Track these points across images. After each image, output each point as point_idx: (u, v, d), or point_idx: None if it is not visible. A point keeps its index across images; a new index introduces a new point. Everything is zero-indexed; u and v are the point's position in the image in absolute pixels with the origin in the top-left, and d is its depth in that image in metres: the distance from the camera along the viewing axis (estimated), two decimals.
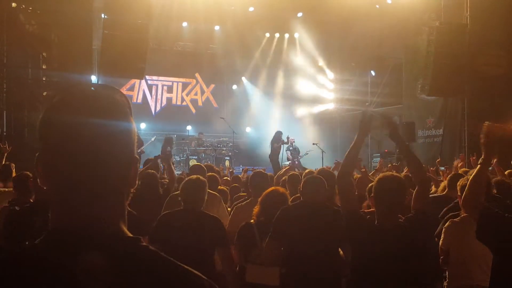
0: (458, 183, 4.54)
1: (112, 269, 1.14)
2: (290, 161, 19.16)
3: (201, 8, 19.12)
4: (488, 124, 3.59)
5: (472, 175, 3.58)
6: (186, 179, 5.06)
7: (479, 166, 3.54)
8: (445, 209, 5.31)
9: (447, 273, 4.78)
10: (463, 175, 5.32)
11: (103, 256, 1.14)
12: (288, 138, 19.31)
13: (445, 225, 4.71)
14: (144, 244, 1.24)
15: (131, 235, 1.26)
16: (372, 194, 3.76)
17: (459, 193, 4.64)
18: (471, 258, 4.50)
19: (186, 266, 1.24)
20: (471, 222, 4.28)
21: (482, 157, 3.54)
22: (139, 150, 17.58)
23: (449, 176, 6.34)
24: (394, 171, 6.39)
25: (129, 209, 4.75)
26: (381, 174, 4.03)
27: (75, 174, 1.20)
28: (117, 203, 1.27)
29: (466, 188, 3.53)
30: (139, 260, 1.20)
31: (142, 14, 14.84)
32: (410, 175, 4.29)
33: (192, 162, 18.21)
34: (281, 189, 5.29)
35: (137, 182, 1.33)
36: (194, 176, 5.07)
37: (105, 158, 1.21)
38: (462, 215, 4.65)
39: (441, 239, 4.68)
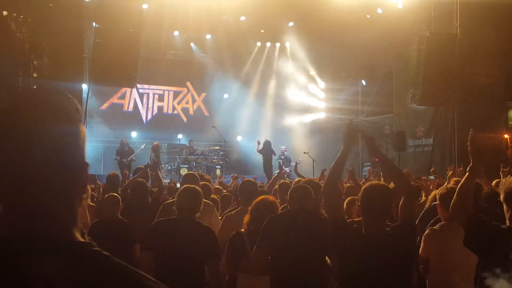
0: (437, 192, 4.55)
1: (65, 275, 1.12)
2: (284, 171, 19.11)
3: (193, 17, 19.14)
4: (472, 132, 3.65)
5: (460, 183, 3.62)
6: (182, 188, 5.05)
7: (467, 173, 3.60)
8: (432, 221, 5.31)
9: (427, 281, 4.75)
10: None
11: (55, 262, 1.12)
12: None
13: (424, 233, 4.69)
14: (97, 249, 1.21)
15: (83, 240, 1.23)
16: (358, 203, 3.77)
17: (438, 202, 4.67)
18: (451, 266, 4.47)
19: (142, 273, 1.20)
20: (451, 230, 4.33)
21: (470, 164, 3.60)
22: (129, 158, 17.55)
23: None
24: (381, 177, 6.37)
25: (120, 217, 4.74)
26: (367, 183, 4.04)
27: (17, 181, 1.18)
28: (66, 209, 1.23)
29: (454, 195, 3.57)
30: (92, 265, 1.17)
31: (133, 23, 14.88)
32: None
33: (183, 171, 18.18)
34: (271, 198, 5.27)
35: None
36: (191, 186, 5.07)
37: (48, 164, 1.19)
38: (442, 223, 4.66)
39: (421, 247, 4.65)
